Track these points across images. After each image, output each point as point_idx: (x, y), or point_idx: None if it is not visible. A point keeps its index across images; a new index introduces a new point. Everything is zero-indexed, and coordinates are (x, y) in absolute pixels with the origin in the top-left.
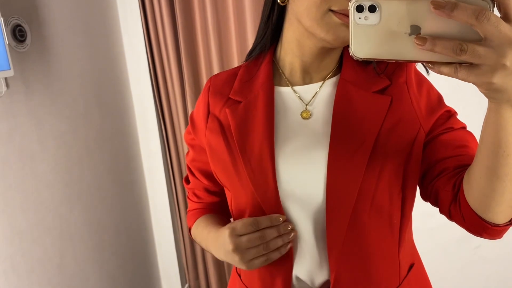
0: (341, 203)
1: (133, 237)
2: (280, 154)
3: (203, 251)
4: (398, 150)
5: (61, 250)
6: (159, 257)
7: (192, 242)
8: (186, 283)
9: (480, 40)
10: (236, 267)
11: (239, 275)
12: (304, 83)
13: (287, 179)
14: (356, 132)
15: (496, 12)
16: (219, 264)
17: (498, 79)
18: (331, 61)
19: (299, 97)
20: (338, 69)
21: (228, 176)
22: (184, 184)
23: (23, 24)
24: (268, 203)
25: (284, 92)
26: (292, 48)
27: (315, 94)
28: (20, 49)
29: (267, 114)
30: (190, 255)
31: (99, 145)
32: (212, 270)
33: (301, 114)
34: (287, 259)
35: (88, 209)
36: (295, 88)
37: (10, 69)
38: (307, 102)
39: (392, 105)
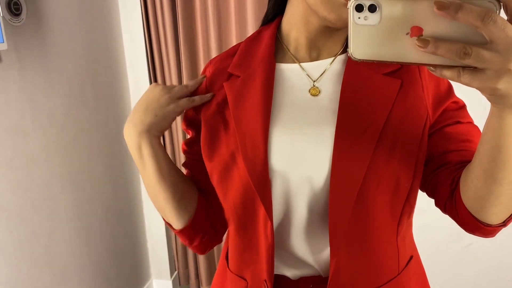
0: (345, 186)
1: (123, 222)
2: (278, 129)
3: None
4: (409, 138)
5: (49, 230)
6: (149, 244)
7: None
8: (175, 270)
9: (486, 44)
10: (226, 255)
11: (227, 262)
12: (311, 59)
13: (283, 156)
14: (364, 112)
15: (502, 14)
16: (209, 253)
17: (503, 85)
18: (339, 39)
19: (307, 74)
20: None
21: (219, 152)
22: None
23: None
24: (257, 178)
25: (289, 69)
26: (297, 23)
27: (324, 71)
28: (15, 23)
29: (264, 89)
30: (180, 243)
31: (91, 126)
32: (202, 259)
33: (309, 91)
34: (267, 244)
35: (78, 190)
36: (303, 64)
37: (3, 42)
38: (315, 79)
39: (402, 89)
